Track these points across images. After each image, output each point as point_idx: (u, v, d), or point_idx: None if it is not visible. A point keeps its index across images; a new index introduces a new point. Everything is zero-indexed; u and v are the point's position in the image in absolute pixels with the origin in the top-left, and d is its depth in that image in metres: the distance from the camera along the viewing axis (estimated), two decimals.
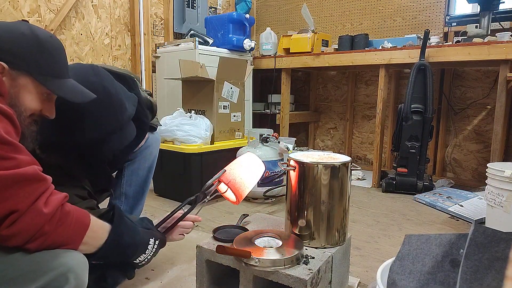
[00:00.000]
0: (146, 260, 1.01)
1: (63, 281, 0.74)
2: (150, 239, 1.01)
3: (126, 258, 0.97)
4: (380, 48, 2.66)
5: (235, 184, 1.13)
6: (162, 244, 1.06)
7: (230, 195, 1.16)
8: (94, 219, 0.85)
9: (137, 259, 0.99)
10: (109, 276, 1.02)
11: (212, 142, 2.35)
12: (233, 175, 1.14)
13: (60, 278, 0.74)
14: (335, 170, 1.08)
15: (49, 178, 0.78)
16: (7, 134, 0.71)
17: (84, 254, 0.82)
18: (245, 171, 1.17)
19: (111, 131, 1.10)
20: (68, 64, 0.97)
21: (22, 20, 0.93)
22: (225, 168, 1.16)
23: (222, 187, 1.16)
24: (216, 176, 1.14)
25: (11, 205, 0.69)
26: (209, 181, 1.13)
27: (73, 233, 0.79)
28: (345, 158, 1.13)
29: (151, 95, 1.57)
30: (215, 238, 1.14)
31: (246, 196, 2.48)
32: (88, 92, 0.98)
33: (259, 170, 1.23)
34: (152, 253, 1.02)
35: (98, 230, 0.87)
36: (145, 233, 1.00)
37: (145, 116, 1.34)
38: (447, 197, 2.30)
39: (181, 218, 1.17)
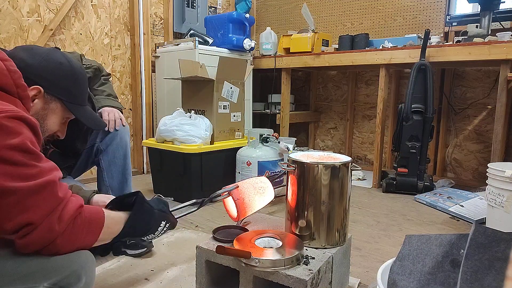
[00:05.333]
0: (153, 238, 1.05)
1: (75, 278, 0.77)
2: (162, 222, 1.04)
3: (136, 237, 1.03)
4: (381, 48, 2.66)
5: (243, 203, 1.14)
6: (172, 226, 1.08)
7: (233, 210, 1.17)
8: (108, 217, 0.87)
9: (145, 237, 1.02)
10: (114, 249, 1.05)
11: (212, 142, 2.34)
12: (244, 194, 1.15)
13: (72, 276, 0.76)
14: (335, 170, 1.08)
15: (66, 185, 0.81)
16: (32, 145, 0.75)
17: None
18: (256, 194, 1.19)
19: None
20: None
21: (55, 47, 1.05)
22: (237, 184, 1.18)
23: (229, 201, 1.18)
24: (227, 188, 1.16)
25: (28, 217, 0.72)
26: (220, 191, 1.15)
27: (87, 239, 0.82)
28: (345, 158, 1.13)
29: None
30: (215, 238, 1.13)
31: None
32: (101, 120, 1.15)
33: (269, 198, 1.24)
34: (160, 233, 1.05)
35: (113, 226, 0.89)
36: (159, 215, 1.03)
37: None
38: (447, 197, 2.30)
39: (182, 216, 1.17)
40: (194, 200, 1.19)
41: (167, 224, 1.05)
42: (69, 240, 0.77)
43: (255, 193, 1.18)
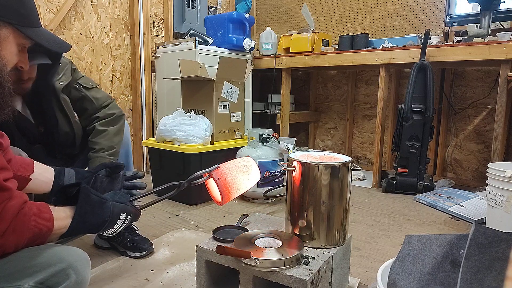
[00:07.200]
0: (114, 233, 0.98)
1: (63, 276, 0.73)
2: (122, 214, 0.96)
3: (92, 233, 0.94)
4: (381, 47, 2.66)
5: (224, 183, 1.08)
6: (134, 218, 1.02)
7: (216, 193, 1.11)
8: (56, 214, 0.81)
9: (104, 232, 0.95)
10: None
11: (212, 142, 2.34)
12: (225, 174, 1.09)
13: (60, 274, 0.73)
14: (335, 170, 1.08)
15: (12, 187, 0.74)
16: None
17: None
18: (239, 173, 1.12)
19: None
20: None
21: None
22: (218, 165, 1.11)
23: (211, 184, 1.11)
24: (207, 169, 1.10)
25: None
26: (199, 172, 1.09)
27: (37, 237, 0.76)
28: (345, 158, 1.13)
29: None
30: (215, 238, 1.13)
31: (246, 197, 2.46)
32: (63, 42, 0.98)
33: (254, 177, 1.16)
34: (121, 227, 0.97)
35: (61, 223, 0.83)
36: (115, 207, 0.95)
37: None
38: (447, 197, 2.30)
39: (159, 200, 1.13)
40: (170, 183, 1.12)
41: (128, 216, 0.98)
42: (11, 240, 0.71)
43: (238, 171, 1.11)
